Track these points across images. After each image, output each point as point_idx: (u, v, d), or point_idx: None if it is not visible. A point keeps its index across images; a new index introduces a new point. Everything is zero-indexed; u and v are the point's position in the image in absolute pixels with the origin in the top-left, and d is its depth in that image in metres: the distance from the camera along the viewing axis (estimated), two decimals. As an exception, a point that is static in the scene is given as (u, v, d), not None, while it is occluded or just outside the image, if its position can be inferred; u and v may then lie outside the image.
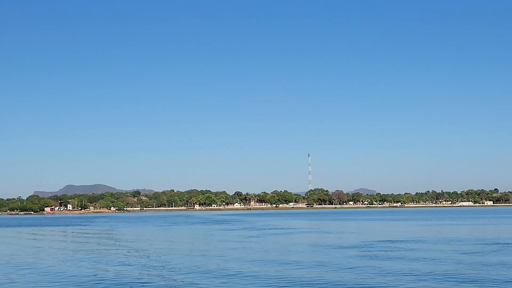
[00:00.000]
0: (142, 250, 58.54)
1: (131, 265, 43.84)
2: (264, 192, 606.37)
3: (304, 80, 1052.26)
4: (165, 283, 34.02)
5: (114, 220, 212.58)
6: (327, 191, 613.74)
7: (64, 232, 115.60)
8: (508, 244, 59.08)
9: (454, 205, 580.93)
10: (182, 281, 34.47)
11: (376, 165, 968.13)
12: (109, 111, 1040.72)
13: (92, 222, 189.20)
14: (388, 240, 66.87)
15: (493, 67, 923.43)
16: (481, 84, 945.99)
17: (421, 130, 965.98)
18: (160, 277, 36.66)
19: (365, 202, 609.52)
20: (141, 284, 33.64)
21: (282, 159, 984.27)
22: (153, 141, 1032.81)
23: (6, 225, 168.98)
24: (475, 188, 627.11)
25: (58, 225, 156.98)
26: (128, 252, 56.47)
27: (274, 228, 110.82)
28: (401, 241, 66.07)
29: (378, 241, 66.30)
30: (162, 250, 57.41)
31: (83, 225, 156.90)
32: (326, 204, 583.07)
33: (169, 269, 40.73)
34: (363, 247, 57.43)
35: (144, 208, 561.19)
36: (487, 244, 58.48)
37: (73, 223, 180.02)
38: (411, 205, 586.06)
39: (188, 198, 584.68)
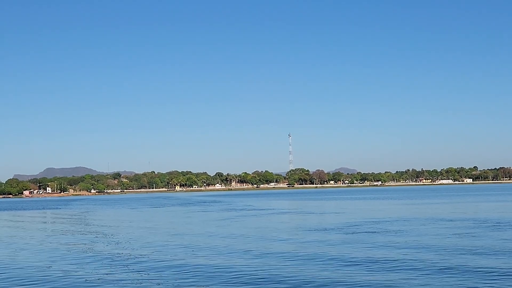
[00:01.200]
0: (112, 235, 55.05)
1: (93, 254, 39.92)
2: (245, 172, 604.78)
3: (284, 60, 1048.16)
4: (125, 276, 30.14)
5: (92, 202, 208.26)
6: (308, 170, 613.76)
7: (34, 216, 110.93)
8: (502, 223, 56.42)
9: (434, 183, 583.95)
10: (147, 277, 30.27)
11: (356, 144, 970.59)
12: (90, 93, 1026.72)
13: (69, 205, 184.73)
14: (372, 221, 63.87)
15: (473, 45, 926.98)
16: (460, 63, 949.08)
17: (401, 109, 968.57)
18: (123, 268, 32.83)
19: (346, 181, 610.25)
20: (98, 278, 29.91)
21: (263, 139, 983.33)
22: (134, 123, 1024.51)
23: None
24: (455, 166, 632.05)
25: (32, 209, 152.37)
26: (96, 238, 52.82)
27: (253, 209, 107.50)
28: (387, 221, 63.05)
29: (362, 222, 63.30)
30: (133, 236, 53.73)
31: (58, 208, 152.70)
32: (307, 184, 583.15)
33: (136, 259, 36.82)
34: (346, 228, 54.46)
35: (125, 190, 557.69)
36: (478, 223, 55.91)
37: (49, 206, 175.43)
38: (392, 184, 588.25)
39: (169, 180, 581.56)
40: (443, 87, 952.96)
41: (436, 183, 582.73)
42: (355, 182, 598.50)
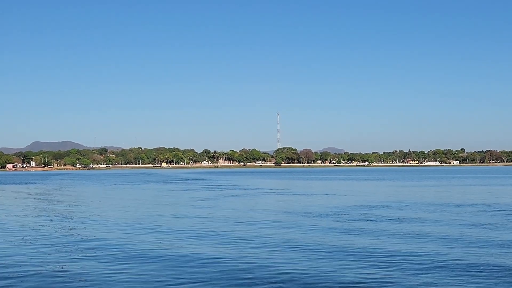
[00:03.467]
0: (68, 215, 48.61)
1: (33, 239, 33.41)
2: (232, 150, 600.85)
3: (272, 40, 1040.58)
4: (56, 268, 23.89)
5: (70, 177, 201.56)
6: (295, 149, 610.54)
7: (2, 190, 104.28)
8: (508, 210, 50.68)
9: (421, 164, 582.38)
10: (80, 265, 24.48)
11: (344, 124, 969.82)
12: (78, 67, 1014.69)
13: (46, 179, 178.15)
14: (365, 205, 57.73)
15: (460, 28, 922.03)
16: (449, 46, 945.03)
17: (389, 90, 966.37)
18: (58, 256, 26.40)
19: (333, 161, 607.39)
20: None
21: (251, 117, 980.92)
22: (122, 98, 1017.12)
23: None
24: (442, 148, 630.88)
25: (4, 183, 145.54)
26: (48, 219, 46.18)
27: (236, 189, 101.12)
28: (380, 206, 56.78)
29: (354, 206, 56.98)
30: (91, 217, 47.16)
31: (33, 183, 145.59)
32: (294, 163, 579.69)
33: (80, 243, 30.73)
34: (337, 214, 48.19)
35: (111, 166, 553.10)
36: (486, 210, 50.07)
37: (25, 180, 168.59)
38: (379, 164, 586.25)
39: (155, 156, 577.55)
40: (432, 69, 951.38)
41: (423, 164, 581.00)
42: (342, 162, 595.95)
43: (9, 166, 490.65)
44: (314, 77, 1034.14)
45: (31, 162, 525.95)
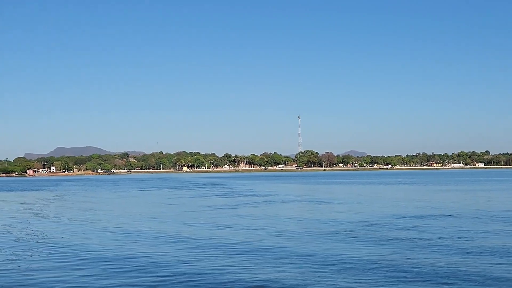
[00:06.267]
0: (55, 228, 40.95)
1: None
2: (253, 154, 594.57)
3: (294, 43, 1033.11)
4: None
5: (85, 183, 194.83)
6: (317, 153, 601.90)
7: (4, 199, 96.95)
8: None
9: (445, 167, 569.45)
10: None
11: (366, 127, 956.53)
12: (101, 72, 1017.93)
13: (57, 186, 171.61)
14: (399, 215, 48.84)
15: (485, 26, 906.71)
16: (469, 47, 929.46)
17: (412, 92, 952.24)
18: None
19: (355, 164, 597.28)
20: None
21: (272, 121, 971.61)
22: (144, 103, 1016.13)
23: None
24: (466, 150, 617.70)
25: (13, 190, 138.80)
26: (37, 229, 38.46)
27: (253, 195, 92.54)
28: (416, 216, 47.68)
29: (386, 216, 48.09)
30: (76, 229, 39.75)
31: (42, 189, 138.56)
32: (315, 166, 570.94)
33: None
34: (368, 227, 39.46)
35: (132, 171, 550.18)
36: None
37: (37, 187, 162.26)
38: (402, 167, 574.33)
39: (176, 160, 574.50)
40: (455, 69, 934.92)
41: (447, 167, 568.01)
42: (364, 165, 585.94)
43: (30, 171, 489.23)
44: (335, 80, 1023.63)
45: (52, 167, 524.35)
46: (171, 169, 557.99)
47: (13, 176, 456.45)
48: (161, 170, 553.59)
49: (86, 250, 30.93)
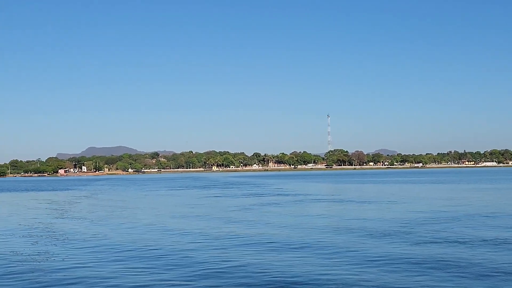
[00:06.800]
0: (73, 230, 39.56)
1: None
2: (283, 153, 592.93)
3: (323, 40, 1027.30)
4: None
5: (114, 183, 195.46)
6: (346, 151, 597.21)
7: (25, 199, 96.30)
8: None
9: (477, 165, 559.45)
10: None
11: (396, 125, 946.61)
12: (132, 73, 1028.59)
13: (86, 185, 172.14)
14: (436, 217, 46.14)
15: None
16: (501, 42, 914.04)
17: (443, 89, 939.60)
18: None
19: (385, 163, 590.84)
20: None
21: (301, 120, 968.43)
22: (174, 103, 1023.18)
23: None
24: (499, 148, 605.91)
25: (42, 190, 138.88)
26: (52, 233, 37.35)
27: (281, 195, 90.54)
28: (456, 218, 44.69)
29: (420, 217, 45.28)
30: (95, 231, 38.21)
31: (71, 189, 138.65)
32: (345, 165, 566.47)
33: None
34: (406, 230, 36.83)
35: (162, 170, 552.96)
36: None
37: (66, 186, 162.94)
38: (433, 166, 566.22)
39: (206, 160, 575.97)
40: (484, 65, 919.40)
41: (480, 165, 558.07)
42: (395, 163, 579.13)
43: (61, 171, 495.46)
44: (365, 78, 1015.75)
45: (83, 167, 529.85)
46: (201, 168, 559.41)
47: (45, 176, 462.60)
48: (191, 169, 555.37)
49: (122, 246, 31.76)
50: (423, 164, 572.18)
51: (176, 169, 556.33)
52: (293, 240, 33.16)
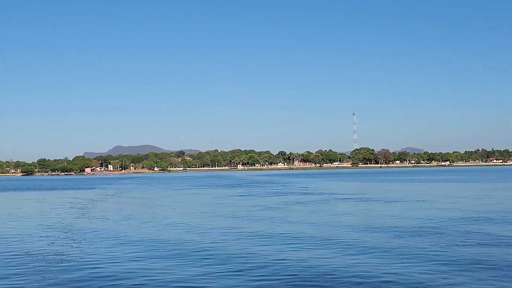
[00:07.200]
0: (87, 230, 38.56)
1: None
2: (308, 151, 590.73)
3: (348, 38, 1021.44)
4: None
5: (139, 181, 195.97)
6: (372, 150, 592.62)
7: (47, 197, 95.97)
8: None
9: (505, 163, 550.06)
10: None
11: (423, 123, 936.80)
12: (159, 73, 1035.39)
13: (112, 184, 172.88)
14: (470, 218, 44.55)
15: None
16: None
17: (470, 87, 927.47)
18: None
19: (412, 161, 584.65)
20: None
21: (326, 118, 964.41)
22: (200, 101, 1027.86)
23: (15, 188, 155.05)
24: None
25: (68, 189, 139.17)
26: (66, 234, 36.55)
27: (306, 193, 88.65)
28: (489, 218, 42.85)
29: (453, 218, 43.39)
30: (108, 235, 36.94)
31: (97, 188, 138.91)
32: (371, 164, 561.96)
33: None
34: (435, 233, 35.12)
35: (187, 169, 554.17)
36: None
37: (92, 185, 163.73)
38: (460, 164, 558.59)
39: (231, 158, 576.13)
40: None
41: (508, 163, 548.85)
42: (421, 162, 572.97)
43: (88, 170, 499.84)
44: (391, 76, 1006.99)
45: (109, 166, 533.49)
46: (226, 167, 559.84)
47: (71, 174, 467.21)
48: (216, 168, 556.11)
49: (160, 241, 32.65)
50: (450, 162, 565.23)
51: (202, 168, 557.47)
52: (320, 237, 33.17)
